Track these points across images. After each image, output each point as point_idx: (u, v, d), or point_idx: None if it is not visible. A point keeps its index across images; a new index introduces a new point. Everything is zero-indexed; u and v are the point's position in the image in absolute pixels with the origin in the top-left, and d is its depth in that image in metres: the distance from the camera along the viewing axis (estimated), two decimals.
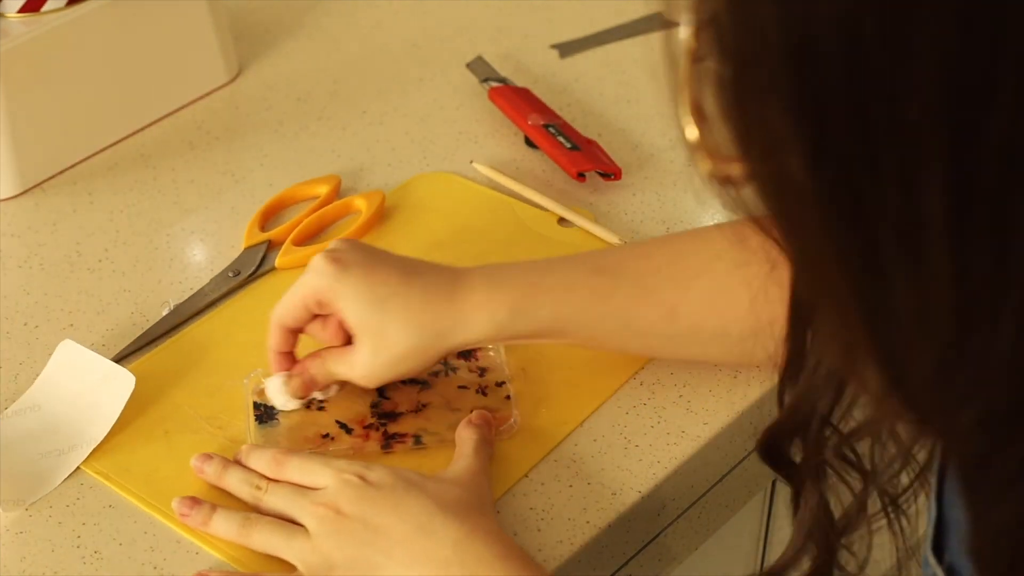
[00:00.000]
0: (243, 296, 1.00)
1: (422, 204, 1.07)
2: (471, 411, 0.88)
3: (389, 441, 0.88)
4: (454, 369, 0.92)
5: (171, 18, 1.15)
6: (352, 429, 0.89)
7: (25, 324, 0.99)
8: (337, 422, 0.89)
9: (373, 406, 0.90)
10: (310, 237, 1.05)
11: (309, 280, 0.87)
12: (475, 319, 0.86)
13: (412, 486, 0.81)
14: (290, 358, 0.90)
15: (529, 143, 1.12)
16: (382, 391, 0.91)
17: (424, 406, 0.90)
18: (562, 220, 1.05)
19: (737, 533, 1.09)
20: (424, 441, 0.88)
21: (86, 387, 0.91)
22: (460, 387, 0.91)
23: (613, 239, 1.03)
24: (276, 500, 0.83)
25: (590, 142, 1.11)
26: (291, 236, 1.03)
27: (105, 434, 0.88)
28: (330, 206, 1.06)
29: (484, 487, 0.84)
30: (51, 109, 1.10)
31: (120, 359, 0.95)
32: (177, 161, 1.13)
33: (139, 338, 0.97)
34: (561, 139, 1.10)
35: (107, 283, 1.02)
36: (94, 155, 1.14)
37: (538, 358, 0.93)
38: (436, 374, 0.91)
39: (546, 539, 0.84)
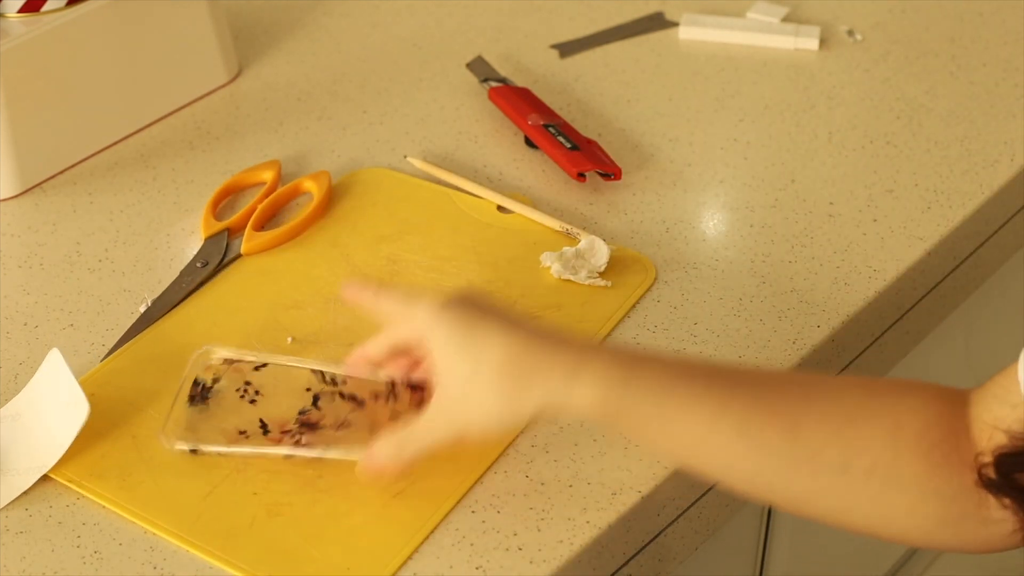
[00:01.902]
0: (215, 284, 1.01)
1: (362, 200, 1.08)
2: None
3: (296, 448, 0.87)
4: (396, 397, 0.90)
5: (171, 18, 1.15)
6: (270, 431, 0.89)
7: (25, 324, 0.99)
8: (260, 420, 0.89)
9: (300, 413, 0.89)
10: (267, 221, 1.06)
11: (409, 320, 0.84)
12: (582, 378, 0.80)
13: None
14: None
15: (529, 143, 1.12)
16: (316, 400, 0.90)
17: (347, 424, 0.89)
18: (501, 207, 1.06)
19: (737, 533, 1.09)
20: (329, 455, 0.87)
21: (54, 408, 0.90)
22: (391, 416, 0.89)
23: (553, 224, 1.04)
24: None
25: (590, 142, 1.11)
26: (251, 222, 1.04)
27: (53, 464, 0.87)
28: (281, 189, 1.08)
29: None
30: (51, 109, 1.10)
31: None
32: (177, 161, 1.13)
33: (122, 338, 0.97)
34: (561, 139, 1.10)
35: (107, 283, 1.02)
36: (94, 155, 1.14)
37: None
38: (377, 397, 0.90)
39: (546, 539, 0.84)
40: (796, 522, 1.15)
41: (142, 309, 0.99)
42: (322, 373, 0.92)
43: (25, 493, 0.87)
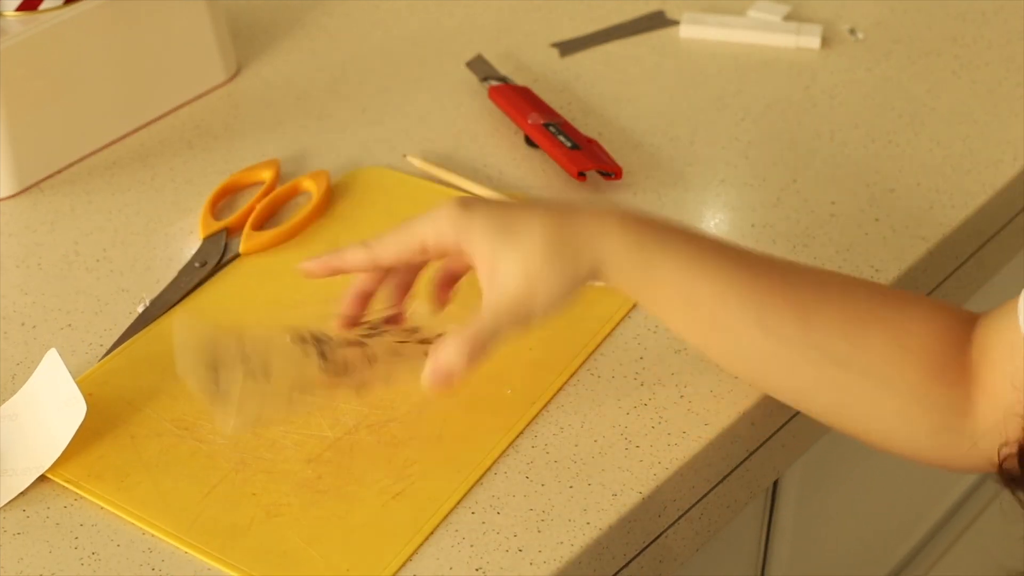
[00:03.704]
0: (214, 284, 1.00)
1: (361, 199, 1.07)
2: (420, 344, 0.86)
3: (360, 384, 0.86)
4: (383, 332, 0.88)
5: (169, 16, 1.15)
6: (315, 387, 0.87)
7: (23, 324, 0.98)
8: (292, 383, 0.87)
9: (323, 366, 0.86)
10: (266, 220, 1.06)
11: (429, 220, 0.85)
12: (612, 231, 0.83)
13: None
14: (365, 300, 0.89)
15: (529, 142, 1.12)
16: (323, 355, 0.86)
17: (373, 358, 0.87)
18: None
19: (738, 534, 1.09)
20: (396, 375, 0.86)
21: (52, 408, 0.89)
22: (399, 341, 0.88)
23: None
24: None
25: (591, 141, 1.10)
26: (249, 221, 1.04)
27: (51, 464, 0.87)
28: (280, 189, 1.07)
29: None
30: (49, 108, 1.10)
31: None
32: (176, 161, 1.13)
33: (120, 338, 0.96)
34: (561, 138, 1.10)
35: (105, 283, 1.02)
36: (92, 154, 1.13)
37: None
38: (369, 336, 0.88)
39: (546, 540, 0.84)
40: (798, 523, 1.14)
41: (140, 309, 0.99)
42: (302, 337, 0.87)
43: (22, 494, 0.86)
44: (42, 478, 0.87)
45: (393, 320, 0.90)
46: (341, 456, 0.88)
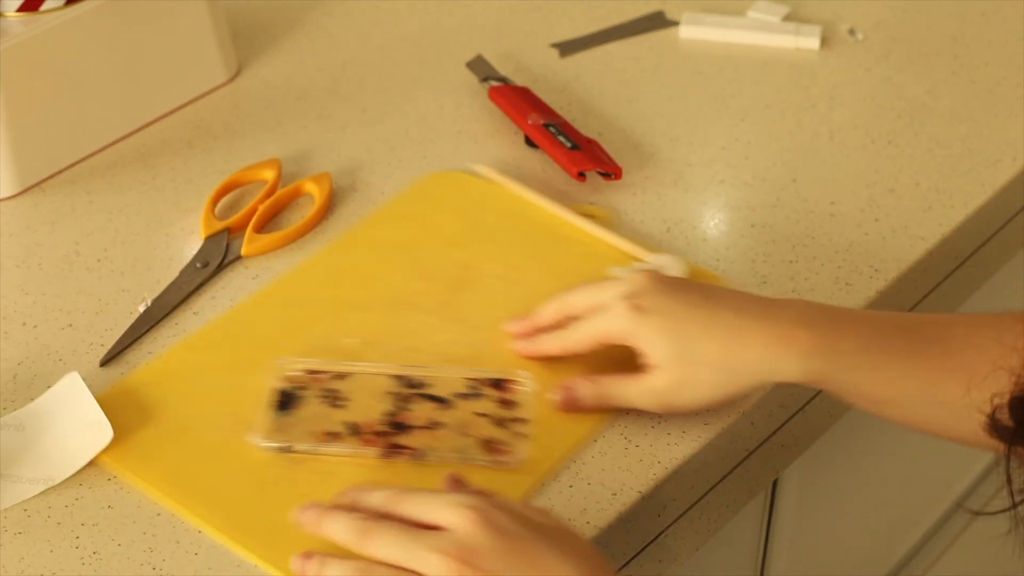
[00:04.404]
0: (213, 284, 1.00)
1: (434, 202, 1.07)
2: (482, 439, 0.87)
3: (390, 451, 0.87)
4: (481, 395, 0.91)
5: (170, 17, 1.15)
6: (361, 432, 0.88)
7: (24, 324, 0.98)
8: (347, 423, 0.89)
9: (389, 414, 0.89)
10: (268, 222, 1.06)
11: (605, 321, 0.89)
12: (786, 356, 0.86)
13: (543, 538, 0.76)
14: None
15: (529, 142, 1.12)
16: (402, 401, 0.90)
17: (437, 424, 0.89)
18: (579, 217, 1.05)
19: (738, 534, 1.09)
20: (427, 458, 0.87)
21: (72, 427, 0.89)
22: (479, 414, 0.89)
23: (622, 244, 1.02)
24: (385, 544, 0.76)
25: (590, 141, 1.10)
26: (251, 223, 1.04)
27: (63, 479, 0.87)
28: (282, 191, 1.07)
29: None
30: (50, 108, 1.10)
31: (107, 361, 0.95)
32: (176, 161, 1.13)
33: (121, 338, 0.96)
34: (561, 138, 1.10)
35: (106, 283, 1.02)
36: (93, 155, 1.13)
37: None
38: (465, 396, 0.90)
39: None
40: (797, 523, 1.14)
41: (141, 309, 0.99)
42: (402, 377, 0.91)
43: None
44: None
45: (504, 386, 0.91)
46: (391, 463, 0.87)
